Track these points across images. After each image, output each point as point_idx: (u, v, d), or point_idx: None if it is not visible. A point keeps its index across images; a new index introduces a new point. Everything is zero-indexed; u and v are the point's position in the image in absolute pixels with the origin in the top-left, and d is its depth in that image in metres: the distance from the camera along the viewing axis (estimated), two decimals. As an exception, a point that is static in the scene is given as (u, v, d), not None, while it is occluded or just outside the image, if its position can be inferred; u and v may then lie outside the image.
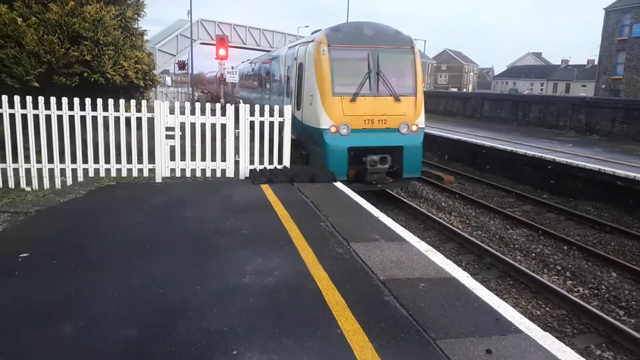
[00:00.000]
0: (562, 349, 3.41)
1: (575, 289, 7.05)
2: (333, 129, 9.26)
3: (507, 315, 3.81)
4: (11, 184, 8.01)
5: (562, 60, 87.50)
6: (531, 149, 14.38)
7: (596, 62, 51.14)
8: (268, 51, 28.51)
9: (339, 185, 8.65)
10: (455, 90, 74.23)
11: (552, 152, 13.98)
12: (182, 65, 37.43)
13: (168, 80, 58.41)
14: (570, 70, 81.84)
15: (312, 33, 12.32)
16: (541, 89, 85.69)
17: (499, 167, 15.12)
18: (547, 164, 12.98)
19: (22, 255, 4.70)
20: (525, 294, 6.81)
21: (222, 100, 19.76)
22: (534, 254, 8.37)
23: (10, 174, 8.00)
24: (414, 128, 10.30)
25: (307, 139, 10.27)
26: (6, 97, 7.79)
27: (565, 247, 8.65)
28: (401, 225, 9.13)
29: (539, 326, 5.73)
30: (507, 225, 10.00)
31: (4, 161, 7.95)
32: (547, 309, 6.38)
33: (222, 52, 21.37)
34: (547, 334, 3.62)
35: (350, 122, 9.60)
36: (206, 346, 3.19)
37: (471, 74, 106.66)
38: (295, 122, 10.06)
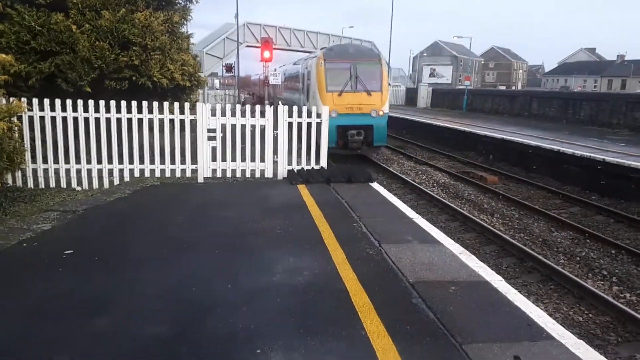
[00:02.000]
0: (595, 357, 3.30)
1: (622, 295, 6.74)
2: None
3: (540, 321, 3.72)
4: (63, 184, 8.47)
5: (618, 56, 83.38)
6: (580, 149, 13.84)
7: (656, 57, 48.42)
8: (311, 52, 29.08)
9: (375, 185, 8.63)
10: (503, 88, 72.16)
11: (603, 151, 13.40)
12: (229, 68, 38.28)
13: (216, 82, 59.67)
14: (626, 66, 77.85)
15: (320, 49, 18.30)
16: (595, 86, 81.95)
17: (545, 168, 14.63)
18: (597, 164, 12.46)
19: (66, 252, 4.97)
20: (567, 299, 6.57)
21: (266, 102, 20.11)
22: (578, 258, 8.05)
23: (62, 174, 8.47)
24: (381, 113, 15.08)
25: None
26: (59, 101, 8.25)
27: (613, 251, 8.29)
28: (441, 226, 9.12)
29: (580, 333, 5.63)
30: (551, 228, 9.67)
31: (57, 162, 8.41)
32: (591, 315, 6.14)
33: (266, 54, 21.68)
34: (581, 341, 3.50)
35: (338, 109, 13.44)
36: (232, 344, 3.29)
37: (520, 71, 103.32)
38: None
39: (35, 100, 8.17)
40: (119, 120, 8.47)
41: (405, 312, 3.80)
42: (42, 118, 8.22)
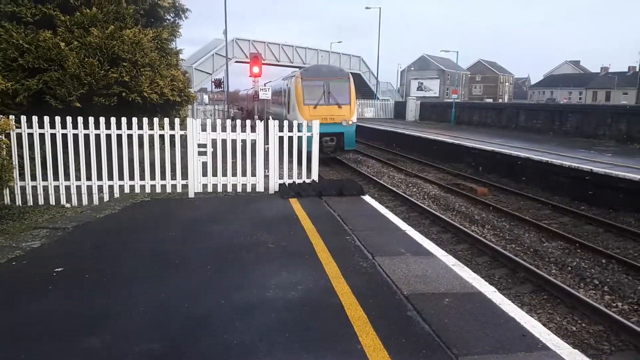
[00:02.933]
0: (591, 367, 3.30)
1: (614, 304, 6.78)
2: (296, 122, 11.61)
3: (534, 332, 3.71)
4: (52, 201, 8.37)
5: (602, 68, 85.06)
6: (568, 160, 14.01)
7: (637, 69, 49.40)
8: (301, 67, 29.94)
9: (367, 198, 8.64)
10: (490, 101, 73.02)
11: (590, 162, 13.57)
12: (218, 84, 38.38)
13: (206, 98, 59.72)
14: (610, 78, 79.33)
15: (301, 68, 21.27)
16: (580, 98, 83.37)
17: (534, 179, 14.76)
18: (585, 174, 12.60)
19: (56, 269, 4.89)
20: (560, 309, 6.59)
21: (256, 117, 20.25)
22: (570, 268, 8.10)
23: (51, 191, 8.37)
24: (350, 122, 18.00)
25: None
26: (47, 118, 8.19)
27: (603, 261, 8.35)
28: (433, 238, 9.13)
29: (574, 342, 5.63)
30: (542, 238, 9.72)
31: (46, 179, 8.33)
32: (584, 324, 6.15)
33: (255, 69, 21.74)
34: (576, 351, 3.50)
35: (314, 119, 14.21)
36: (226, 360, 3.25)
37: (507, 84, 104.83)
38: (287, 120, 14.15)
39: (23, 118, 8.11)
40: (108, 136, 8.42)
41: (401, 325, 3.78)
42: (30, 135, 8.15)
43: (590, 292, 7.18)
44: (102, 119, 8.37)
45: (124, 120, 8.45)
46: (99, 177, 8.51)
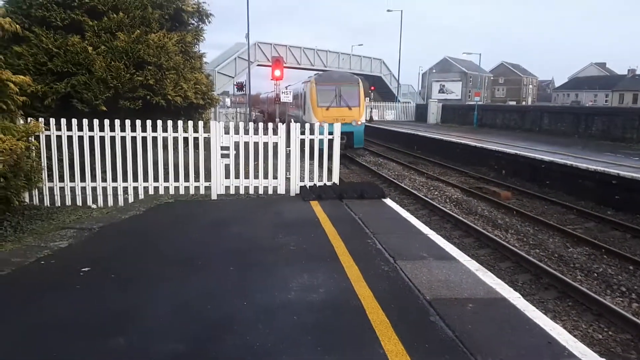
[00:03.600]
0: (618, 376, 3.23)
1: (642, 312, 6.63)
2: (318, 124, 11.88)
3: (560, 339, 3.65)
4: (79, 202, 8.56)
5: (629, 70, 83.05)
6: (594, 163, 13.73)
7: (668, 71, 48.11)
8: (324, 70, 31.05)
9: (388, 201, 8.61)
10: (513, 103, 72.00)
11: (617, 166, 13.27)
12: (240, 87, 38.71)
13: (228, 101, 60.18)
14: (637, 80, 77.55)
15: (315, 74, 23.93)
16: (606, 101, 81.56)
17: (559, 183, 14.51)
18: (612, 178, 12.33)
19: (84, 269, 5.00)
20: (586, 317, 6.47)
21: (277, 120, 20.55)
22: (595, 274, 7.94)
23: (78, 192, 8.56)
24: (359, 123, 20.31)
25: None
26: (75, 120, 8.39)
27: (631, 267, 8.16)
28: (455, 242, 9.05)
29: (600, 351, 5.52)
30: (567, 243, 9.55)
31: (73, 180, 8.52)
32: (610, 332, 6.03)
33: (277, 73, 22.13)
34: (604, 359, 3.44)
35: (326, 120, 15.40)
36: (250, 361, 3.28)
37: (530, 86, 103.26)
38: (303, 120, 15.10)
39: (52, 120, 8.32)
40: (133, 138, 8.59)
41: (424, 330, 3.76)
42: (58, 137, 8.36)
43: (617, 300, 7.03)
44: (127, 122, 8.54)
45: (148, 122, 8.60)
46: (124, 179, 8.68)
